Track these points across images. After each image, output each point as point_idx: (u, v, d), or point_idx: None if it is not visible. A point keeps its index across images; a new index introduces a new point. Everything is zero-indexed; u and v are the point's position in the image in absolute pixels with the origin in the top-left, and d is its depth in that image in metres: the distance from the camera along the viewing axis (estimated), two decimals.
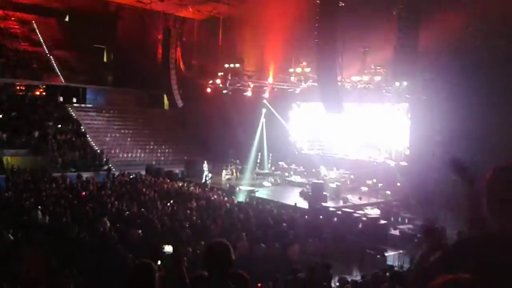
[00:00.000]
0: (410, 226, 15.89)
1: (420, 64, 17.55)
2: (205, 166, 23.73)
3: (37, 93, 31.13)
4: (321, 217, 15.77)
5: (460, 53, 17.30)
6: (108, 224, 11.78)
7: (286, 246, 11.31)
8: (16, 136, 24.40)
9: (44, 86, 31.05)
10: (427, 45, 17.22)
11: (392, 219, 16.77)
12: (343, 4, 17.69)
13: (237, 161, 25.63)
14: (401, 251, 13.39)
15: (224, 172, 24.99)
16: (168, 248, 8.39)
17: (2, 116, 25.68)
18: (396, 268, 10.66)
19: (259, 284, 7.21)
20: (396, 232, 15.44)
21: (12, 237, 10.67)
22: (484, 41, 16.66)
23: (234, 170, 25.36)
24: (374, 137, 22.73)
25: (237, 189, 20.82)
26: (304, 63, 21.71)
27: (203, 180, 23.03)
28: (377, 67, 19.81)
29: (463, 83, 17.11)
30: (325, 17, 17.08)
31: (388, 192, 20.06)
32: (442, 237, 2.37)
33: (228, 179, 24.67)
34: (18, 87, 30.16)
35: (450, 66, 17.63)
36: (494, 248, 1.98)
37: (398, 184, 20.22)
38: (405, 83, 18.49)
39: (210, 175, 23.76)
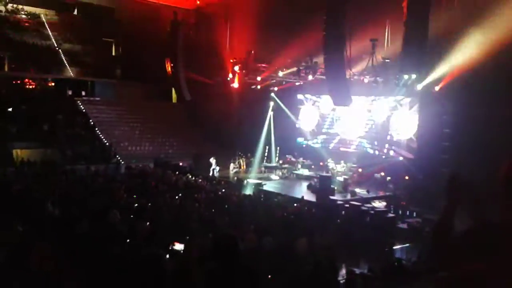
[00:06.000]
0: (419, 219, 15.86)
1: (430, 56, 17.39)
2: (213, 160, 23.83)
3: (46, 86, 31.31)
4: (328, 210, 15.78)
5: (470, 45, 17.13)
6: (119, 216, 11.85)
7: (294, 239, 11.33)
8: (25, 129, 24.60)
9: (53, 80, 31.24)
10: (437, 36, 17.05)
11: (400, 212, 16.74)
12: None
13: (248, 154, 25.68)
14: (409, 245, 13.37)
15: (231, 165, 25.05)
16: (179, 246, 8.34)
17: (12, 109, 25.90)
18: (404, 261, 10.65)
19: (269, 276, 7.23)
20: (404, 226, 15.42)
21: (21, 229, 10.78)
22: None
23: (241, 163, 25.41)
24: (382, 129, 22.64)
25: (245, 182, 20.88)
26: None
27: (211, 173, 23.12)
28: (386, 59, 19.68)
29: (474, 75, 16.96)
30: (333, 9, 16.97)
31: (397, 186, 20.01)
32: (469, 190, 2.27)
33: (236, 172, 24.74)
34: (27, 81, 30.36)
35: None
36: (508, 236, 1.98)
37: (407, 177, 20.16)
38: (414, 76, 18.36)
39: (217, 168, 23.84)
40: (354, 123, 23.86)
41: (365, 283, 8.23)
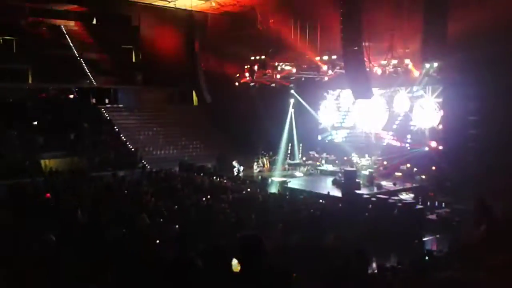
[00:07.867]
0: (447, 209, 15.62)
1: (451, 43, 17.05)
2: (235, 163, 23.89)
3: (70, 96, 31.92)
4: (355, 204, 15.66)
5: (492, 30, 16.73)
6: (147, 221, 11.99)
7: (321, 235, 11.29)
8: (52, 139, 25.11)
9: (76, 89, 31.83)
10: (457, 24, 16.71)
11: (428, 203, 16.49)
12: None
13: (270, 152, 25.69)
14: (438, 236, 13.20)
15: (255, 164, 25.09)
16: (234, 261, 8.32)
17: (38, 120, 26.47)
18: (435, 253, 10.50)
19: (293, 274, 7.20)
20: (433, 217, 15.20)
21: (54, 238, 11.00)
22: None
23: (265, 162, 25.43)
24: (404, 120, 22.30)
25: (269, 180, 20.89)
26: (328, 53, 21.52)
27: (235, 174, 23.20)
28: (406, 49, 19.40)
29: (496, 61, 16.59)
30: (350, 1, 16.81)
31: (423, 177, 19.71)
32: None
33: (260, 171, 24.77)
34: (51, 92, 31.01)
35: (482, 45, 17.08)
36: None
37: (433, 168, 19.83)
38: (435, 64, 18.00)
39: (241, 168, 23.89)
40: (376, 115, 23.57)
41: (395, 276, 8.14)
